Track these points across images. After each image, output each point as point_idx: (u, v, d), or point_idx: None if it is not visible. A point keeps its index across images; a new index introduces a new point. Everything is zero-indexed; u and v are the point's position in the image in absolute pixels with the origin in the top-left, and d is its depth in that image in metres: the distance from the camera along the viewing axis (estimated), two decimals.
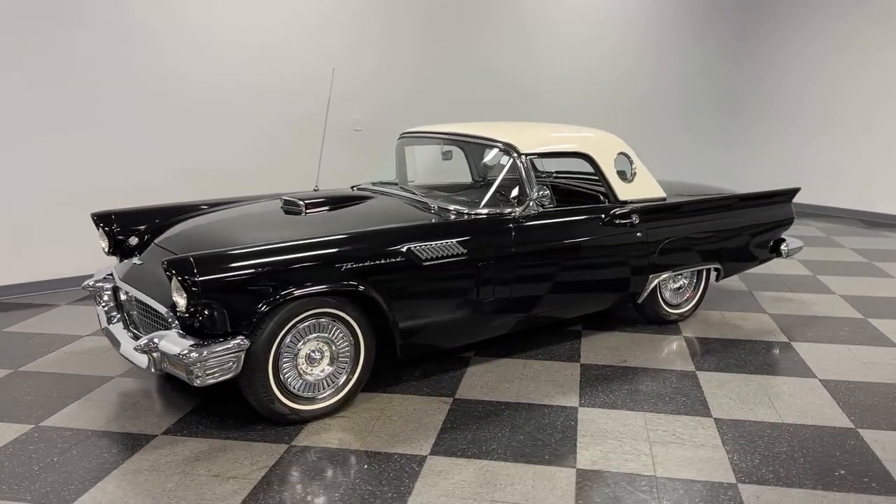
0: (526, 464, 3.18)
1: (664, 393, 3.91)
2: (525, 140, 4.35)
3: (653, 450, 3.30)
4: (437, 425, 3.54)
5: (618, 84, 9.31)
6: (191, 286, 3.15)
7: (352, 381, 3.68)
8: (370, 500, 2.90)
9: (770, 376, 4.14)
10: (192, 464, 3.19)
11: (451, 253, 3.83)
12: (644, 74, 9.57)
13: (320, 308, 3.48)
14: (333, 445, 3.34)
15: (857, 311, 5.36)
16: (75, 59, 5.69)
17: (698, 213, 4.93)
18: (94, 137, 5.87)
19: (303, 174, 6.33)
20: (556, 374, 4.17)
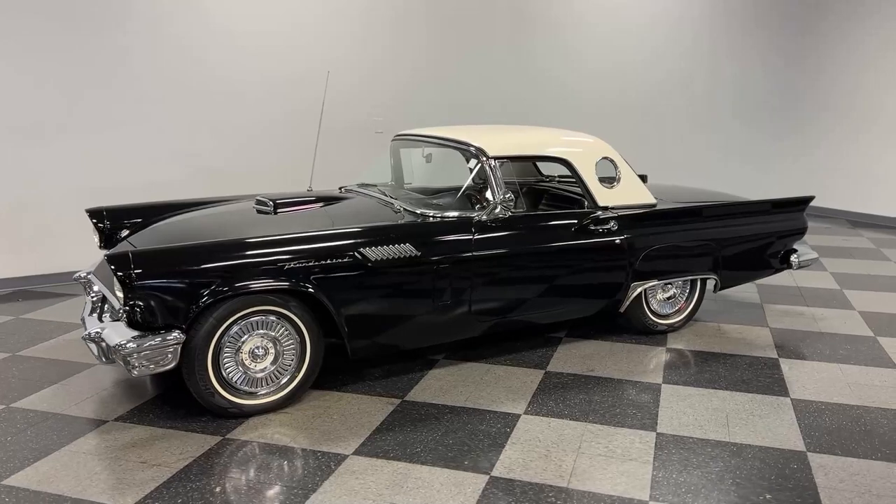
0: (442, 468, 3.17)
1: (617, 405, 3.81)
2: (495, 144, 4.32)
3: (577, 461, 3.22)
4: (373, 426, 3.57)
5: (668, 82, 9.06)
6: (127, 281, 3.30)
7: (297, 378, 3.75)
8: (274, 495, 2.97)
9: (739, 393, 3.96)
10: (127, 449, 3.34)
11: (403, 255, 3.85)
12: (699, 72, 9.27)
13: (262, 306, 3.57)
14: (264, 440, 3.42)
15: (870, 328, 5.04)
16: (103, 64, 6.04)
17: (688, 220, 4.76)
18: (121, 137, 6.21)
19: (324, 174, 6.44)
20: (516, 380, 4.12)
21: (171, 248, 3.48)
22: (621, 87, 8.77)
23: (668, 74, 9.09)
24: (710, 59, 9.36)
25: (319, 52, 6.96)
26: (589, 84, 8.55)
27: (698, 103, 9.40)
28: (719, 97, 9.55)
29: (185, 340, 3.42)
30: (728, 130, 9.71)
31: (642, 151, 8.79)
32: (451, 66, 7.73)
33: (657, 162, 8.96)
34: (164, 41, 6.27)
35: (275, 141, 6.80)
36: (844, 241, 8.15)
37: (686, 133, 9.39)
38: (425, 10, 7.47)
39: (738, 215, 4.99)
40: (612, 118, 8.70)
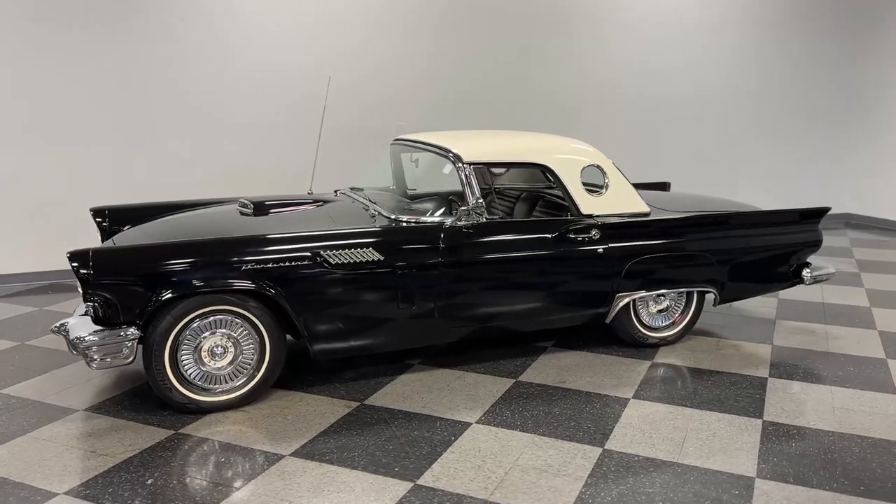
0: (371, 473, 3.17)
1: (575, 418, 3.71)
2: (472, 149, 4.29)
3: (508, 474, 3.16)
4: (321, 428, 3.61)
5: (730, 81, 8.77)
6: (86, 277, 3.45)
7: (255, 378, 3.82)
8: (197, 491, 3.04)
9: (710, 412, 3.79)
10: (83, 438, 3.49)
11: (365, 259, 3.87)
12: (747, 74, 8.91)
13: (219, 305, 3.67)
14: (213, 437, 3.51)
15: (884, 350, 4.72)
16: (129, 70, 6.34)
17: (680, 230, 4.59)
18: (149, 138, 6.50)
19: (349, 177, 6.53)
20: (483, 388, 4.08)
21: (129, 248, 3.62)
22: (665, 89, 8.50)
23: (714, 76, 8.76)
24: (759, 60, 8.96)
25: (346, 55, 7.08)
26: (632, 85, 8.33)
27: (746, 107, 9.01)
28: (770, 100, 9.13)
29: (144, 337, 3.54)
30: (782, 136, 9.27)
31: (684, 157, 8.52)
32: (488, 66, 7.71)
33: (697, 169, 8.67)
34: (190, 49, 6.52)
35: (299, 142, 6.94)
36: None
37: (736, 139, 9.02)
38: (462, 10, 7.48)
39: (739, 227, 4.77)
40: (653, 123, 8.46)
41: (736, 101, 8.93)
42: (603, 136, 8.07)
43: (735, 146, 9.04)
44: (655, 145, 8.56)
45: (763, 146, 9.16)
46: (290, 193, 5.16)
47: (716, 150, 8.94)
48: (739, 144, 9.05)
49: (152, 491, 3.03)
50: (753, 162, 9.14)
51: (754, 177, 9.11)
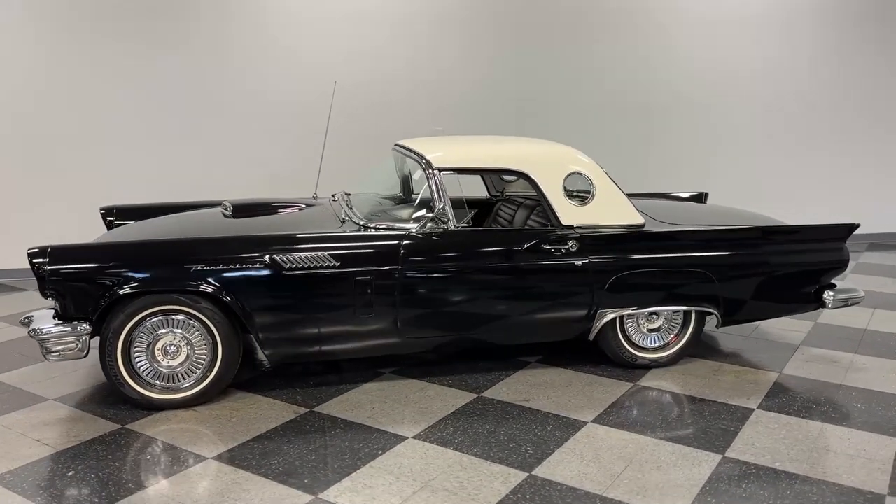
0: (280, 483, 3.13)
1: (517, 439, 3.52)
2: (444, 155, 4.18)
3: (416, 494, 3.04)
4: (257, 433, 3.60)
5: (802, 86, 8.16)
6: (40, 272, 3.61)
7: (208, 378, 3.87)
8: (110, 485, 3.10)
9: (668, 443, 3.50)
10: (36, 427, 3.65)
11: (320, 265, 3.84)
12: (820, 76, 8.25)
13: (170, 305, 3.74)
14: (154, 435, 3.58)
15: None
16: (176, 82, 6.63)
17: (673, 244, 4.28)
18: (197, 144, 6.78)
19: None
20: (440, 401, 3.96)
21: (84, 246, 3.75)
22: (723, 93, 7.99)
23: (787, 74, 8.14)
24: (835, 62, 8.25)
25: (384, 61, 7.11)
26: (680, 88, 7.89)
27: (820, 113, 8.31)
28: (848, 106, 8.37)
29: (100, 333, 3.66)
30: (860, 146, 8.49)
31: (744, 166, 7.99)
32: (543, 68, 7.53)
33: (759, 181, 8.09)
34: (229, 61, 6.74)
35: (332, 148, 7.01)
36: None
37: (806, 148, 8.35)
38: (518, 10, 7.35)
39: (745, 243, 4.38)
40: (705, 128, 7.98)
41: (805, 107, 8.25)
42: (646, 142, 7.71)
43: (803, 156, 8.35)
44: (711, 153, 8.05)
45: (834, 158, 8.41)
46: (293, 197, 5.20)
47: (785, 161, 8.29)
48: (808, 155, 8.35)
49: (68, 483, 3.12)
50: (825, 175, 8.41)
51: (826, 191, 8.38)
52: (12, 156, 6.56)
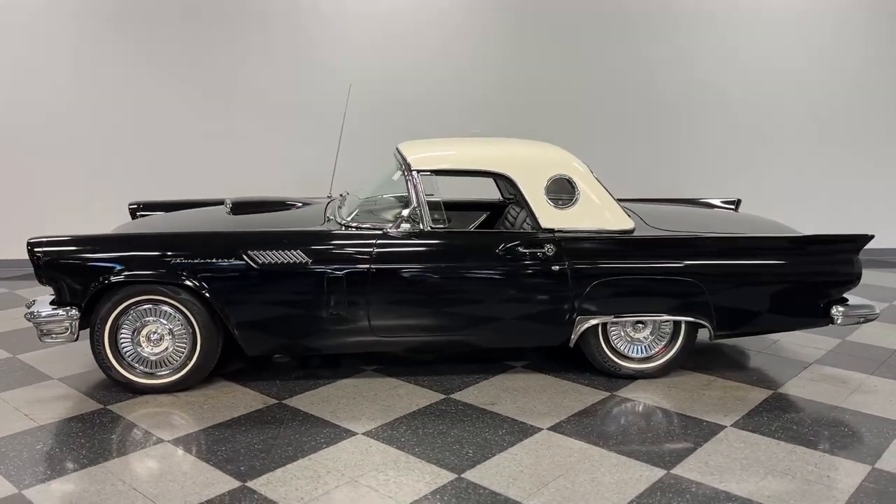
0: (217, 469, 3.27)
1: (464, 441, 3.52)
2: (424, 158, 4.21)
3: (338, 488, 3.10)
4: (220, 420, 3.76)
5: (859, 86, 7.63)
6: (35, 260, 3.93)
7: (188, 366, 4.07)
8: (74, 459, 3.33)
9: (617, 455, 3.39)
10: (30, 403, 3.97)
11: (292, 261, 3.97)
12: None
13: (152, 295, 3.97)
14: (127, 416, 3.81)
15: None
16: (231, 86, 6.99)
17: (657, 252, 4.14)
18: (246, 143, 7.13)
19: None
20: (405, 400, 4.00)
21: (74, 237, 4.02)
22: (775, 92, 7.56)
23: (835, 74, 7.61)
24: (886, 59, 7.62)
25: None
26: (736, 88, 7.52)
27: (876, 113, 7.68)
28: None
29: (91, 319, 3.92)
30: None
31: (798, 173, 7.54)
32: (571, 67, 7.42)
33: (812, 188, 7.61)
34: (265, 64, 7.03)
35: (363, 148, 7.17)
36: None
37: (851, 154, 7.76)
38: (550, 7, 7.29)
39: (741, 253, 4.17)
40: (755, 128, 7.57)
41: (856, 108, 7.66)
42: (682, 144, 7.43)
43: (853, 162, 7.75)
44: (751, 156, 7.62)
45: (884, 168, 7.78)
46: (306, 196, 5.36)
47: (832, 167, 7.73)
48: (858, 161, 7.75)
49: (32, 455, 3.37)
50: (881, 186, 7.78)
51: (880, 202, 7.75)
52: (59, 154, 7.09)
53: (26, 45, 6.96)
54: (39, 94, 7.06)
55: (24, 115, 7.08)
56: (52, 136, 7.13)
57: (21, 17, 6.90)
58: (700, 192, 6.26)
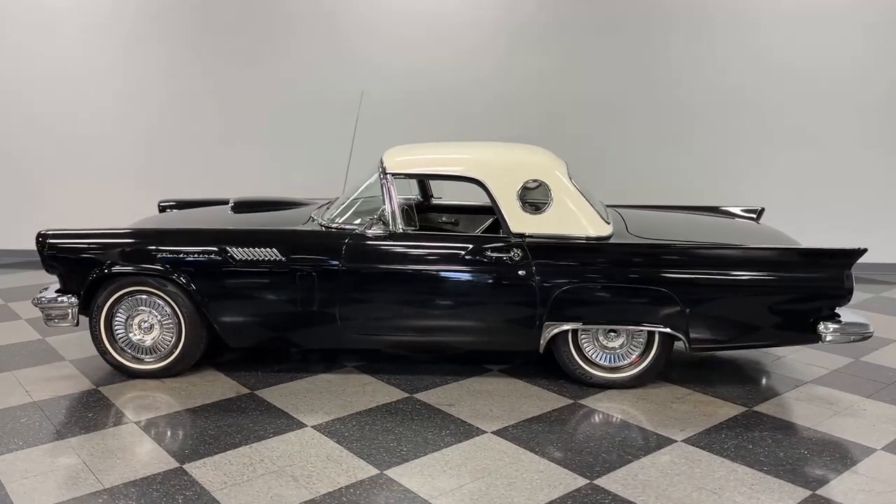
0: (162, 447, 3.51)
1: (403, 439, 3.59)
2: (399, 161, 4.31)
3: (261, 478, 3.25)
4: (188, 406, 4.01)
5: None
6: (41, 251, 4.32)
7: (174, 354, 4.35)
8: (48, 433, 3.65)
9: (544, 461, 3.37)
10: (36, 381, 4.35)
11: (267, 259, 4.18)
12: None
13: (142, 286, 4.27)
14: (112, 398, 4.12)
15: (891, 439, 3.64)
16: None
17: (626, 260, 4.07)
18: (278, 147, 7.47)
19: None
20: (367, 398, 4.11)
21: (75, 231, 4.38)
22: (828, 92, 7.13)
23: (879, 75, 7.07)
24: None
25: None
26: (779, 88, 7.14)
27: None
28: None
29: (90, 307, 4.27)
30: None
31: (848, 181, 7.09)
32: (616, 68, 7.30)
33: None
34: (308, 70, 7.32)
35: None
36: None
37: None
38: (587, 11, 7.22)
39: (717, 263, 4.04)
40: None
41: None
42: (719, 148, 7.15)
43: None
44: (788, 161, 7.20)
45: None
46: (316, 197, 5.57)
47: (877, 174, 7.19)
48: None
49: (9, 429, 3.71)
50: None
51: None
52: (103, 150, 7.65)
53: (74, 46, 7.53)
54: (86, 94, 7.63)
55: (73, 113, 7.67)
56: (102, 134, 7.70)
57: (69, 19, 7.48)
58: (740, 201, 5.99)
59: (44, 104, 7.64)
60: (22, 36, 7.51)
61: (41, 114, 7.65)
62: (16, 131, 7.71)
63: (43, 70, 7.57)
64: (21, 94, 7.64)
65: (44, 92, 7.62)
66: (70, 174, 7.75)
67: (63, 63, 7.56)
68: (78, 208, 7.47)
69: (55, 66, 7.57)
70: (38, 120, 7.67)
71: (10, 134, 7.71)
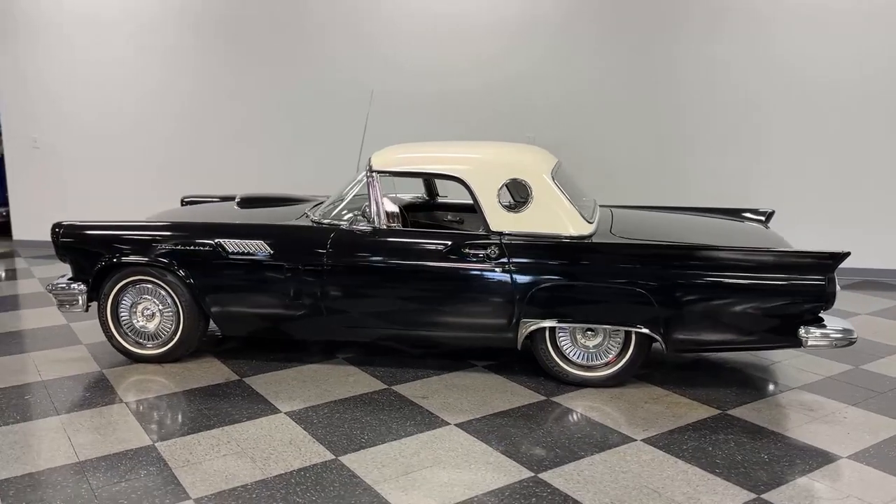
0: (142, 429, 3.73)
1: (367, 428, 3.71)
2: (385, 160, 4.44)
3: (226, 456, 3.44)
4: (179, 389, 4.24)
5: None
6: (55, 241, 4.64)
7: (173, 341, 4.60)
8: (44, 409, 3.95)
9: (495, 454, 3.43)
10: (49, 362, 4.67)
11: (256, 252, 4.38)
12: None
13: (144, 276, 4.54)
14: (111, 380, 4.39)
15: (853, 450, 3.55)
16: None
17: (600, 259, 4.08)
18: (307, 146, 7.73)
19: None
20: (345, 388, 4.24)
21: (85, 223, 4.67)
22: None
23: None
24: None
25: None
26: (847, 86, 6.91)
27: None
28: None
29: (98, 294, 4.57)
30: None
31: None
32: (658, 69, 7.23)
33: None
34: (342, 71, 7.53)
35: None
36: None
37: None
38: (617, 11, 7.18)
39: (693, 265, 4.00)
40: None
41: None
42: (754, 148, 6.99)
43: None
44: (817, 164, 6.95)
45: None
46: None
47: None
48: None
49: (11, 404, 4.01)
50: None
51: None
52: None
53: (111, 51, 8.03)
54: (118, 95, 8.11)
55: (108, 112, 8.18)
56: (132, 131, 8.14)
57: (111, 27, 7.93)
58: (760, 203, 5.85)
59: (82, 104, 8.17)
60: (64, 39, 8.03)
61: (77, 113, 8.18)
62: (56, 130, 8.25)
63: (84, 72, 8.09)
64: (62, 94, 8.17)
65: (83, 93, 8.14)
66: (103, 168, 8.24)
67: (102, 67, 8.05)
68: (109, 201, 7.94)
69: (97, 70, 8.07)
70: (75, 119, 8.19)
71: (51, 132, 8.24)
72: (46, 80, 8.24)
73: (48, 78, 8.23)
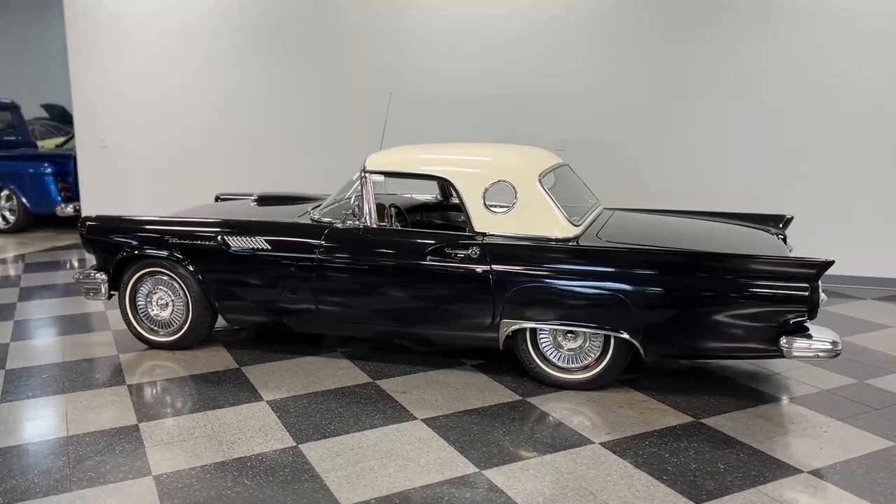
0: (133, 410, 4.01)
1: (338, 419, 3.85)
2: (378, 161, 4.58)
3: (197, 438, 3.67)
4: (182, 374, 4.52)
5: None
6: (81, 233, 5.03)
7: (183, 329, 4.89)
8: (56, 386, 4.31)
9: (450, 449, 3.52)
10: (75, 345, 5.06)
11: (254, 247, 4.62)
12: None
13: (156, 268, 4.86)
14: (122, 364, 4.72)
15: (818, 464, 3.43)
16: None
17: (579, 262, 4.08)
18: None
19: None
20: (334, 380, 4.40)
21: (107, 217, 5.03)
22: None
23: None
24: None
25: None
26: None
27: None
28: None
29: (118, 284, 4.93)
30: None
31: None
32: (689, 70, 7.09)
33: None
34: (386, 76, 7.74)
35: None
36: None
37: None
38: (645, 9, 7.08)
39: (671, 269, 3.96)
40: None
41: None
42: (788, 150, 6.72)
43: None
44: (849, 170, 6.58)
45: None
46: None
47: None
48: None
49: (30, 384, 4.39)
50: None
51: None
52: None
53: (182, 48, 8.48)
54: (194, 97, 8.55)
55: (168, 114, 8.67)
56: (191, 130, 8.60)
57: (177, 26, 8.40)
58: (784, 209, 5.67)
59: (148, 107, 8.71)
60: (130, 44, 8.57)
61: (144, 115, 8.73)
62: (125, 131, 8.82)
63: (149, 74, 8.61)
64: (131, 98, 8.73)
65: (149, 96, 8.67)
66: (165, 167, 8.76)
67: (167, 71, 8.54)
68: (173, 197, 8.37)
69: (162, 73, 8.57)
70: (142, 120, 8.74)
71: (119, 133, 8.82)
72: (114, 84, 8.80)
73: (116, 81, 8.79)
